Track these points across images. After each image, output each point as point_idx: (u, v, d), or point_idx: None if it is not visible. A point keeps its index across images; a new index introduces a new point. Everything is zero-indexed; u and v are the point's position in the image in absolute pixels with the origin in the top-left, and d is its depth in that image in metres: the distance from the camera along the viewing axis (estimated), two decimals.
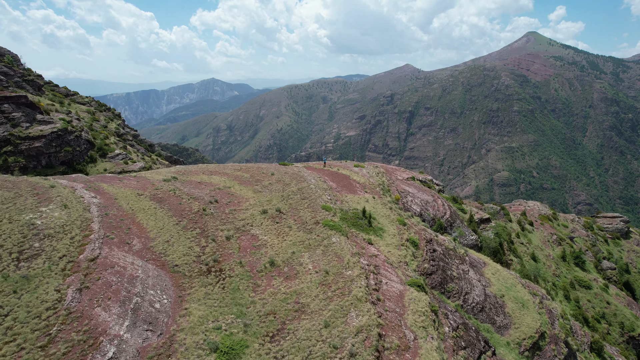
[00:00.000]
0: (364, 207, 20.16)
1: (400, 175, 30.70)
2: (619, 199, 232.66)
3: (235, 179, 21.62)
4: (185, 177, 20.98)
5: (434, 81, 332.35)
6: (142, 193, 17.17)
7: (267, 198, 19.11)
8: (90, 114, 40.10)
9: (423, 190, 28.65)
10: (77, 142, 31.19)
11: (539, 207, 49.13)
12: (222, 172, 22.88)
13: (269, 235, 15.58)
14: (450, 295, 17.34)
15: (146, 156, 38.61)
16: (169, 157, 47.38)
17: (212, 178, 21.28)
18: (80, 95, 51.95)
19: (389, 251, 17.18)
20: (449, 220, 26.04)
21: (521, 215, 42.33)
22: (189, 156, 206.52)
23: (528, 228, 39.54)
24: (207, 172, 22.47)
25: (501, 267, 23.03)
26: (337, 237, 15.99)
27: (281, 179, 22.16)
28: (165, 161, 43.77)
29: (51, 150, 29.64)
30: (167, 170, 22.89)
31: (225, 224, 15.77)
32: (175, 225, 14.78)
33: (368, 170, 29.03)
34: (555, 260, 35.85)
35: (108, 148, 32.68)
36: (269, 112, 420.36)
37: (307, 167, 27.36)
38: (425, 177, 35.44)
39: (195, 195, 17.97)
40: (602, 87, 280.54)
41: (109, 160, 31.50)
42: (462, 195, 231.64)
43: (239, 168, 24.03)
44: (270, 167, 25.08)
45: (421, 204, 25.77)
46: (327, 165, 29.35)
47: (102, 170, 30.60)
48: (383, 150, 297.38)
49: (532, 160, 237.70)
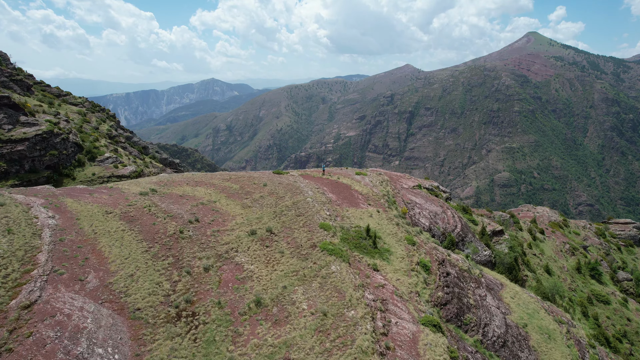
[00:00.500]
0: (368, 225, 17.74)
1: (405, 184, 28.66)
2: (620, 199, 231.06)
3: (222, 191, 19.22)
4: (166, 190, 18.57)
5: (434, 81, 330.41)
6: (112, 211, 14.77)
7: (257, 215, 16.74)
8: (82, 115, 37.81)
9: (431, 200, 26.39)
10: (63, 145, 29.16)
11: (548, 213, 46.89)
12: (208, 182, 20.44)
13: (257, 264, 13.17)
14: (467, 328, 14.99)
15: (139, 159, 36.41)
16: (163, 159, 44.97)
17: (197, 190, 18.88)
18: (73, 96, 49.57)
19: (397, 279, 14.80)
20: (460, 234, 23.74)
21: (531, 223, 40.24)
22: (189, 156, 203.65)
23: (539, 237, 37.36)
24: (192, 183, 20.05)
25: (519, 288, 20.67)
26: (338, 265, 13.59)
27: (274, 191, 19.83)
28: (159, 164, 41.39)
29: (35, 153, 27.91)
30: (148, 181, 20.45)
31: (205, 249, 13.36)
32: (144, 253, 12.37)
33: (371, 178, 26.85)
34: (570, 272, 33.57)
35: (97, 151, 30.76)
36: (269, 112, 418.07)
37: (304, 176, 25.03)
38: (432, 183, 33.10)
39: (174, 212, 15.56)
40: (602, 87, 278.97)
41: (98, 163, 29.50)
42: (463, 196, 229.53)
43: (228, 178, 21.71)
44: (263, 177, 22.90)
45: (430, 217, 23.59)
46: (327, 173, 27.13)
47: (90, 174, 28.71)
48: (383, 151, 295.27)
49: (532, 161, 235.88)
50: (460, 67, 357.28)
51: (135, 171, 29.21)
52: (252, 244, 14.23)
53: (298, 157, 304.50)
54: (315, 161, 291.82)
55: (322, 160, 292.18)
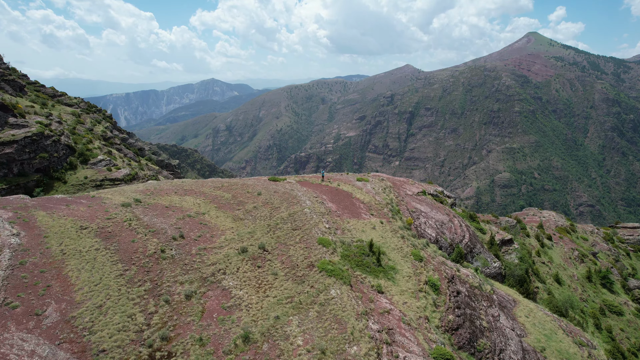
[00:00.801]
0: (371, 239, 16.17)
1: (409, 190, 27.10)
2: (621, 200, 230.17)
3: (213, 200, 17.71)
4: (152, 199, 17.07)
5: (434, 81, 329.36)
6: (87, 226, 13.28)
7: (250, 229, 15.23)
8: (76, 116, 36.59)
9: (437, 208, 25.00)
10: (54, 148, 28.09)
11: (555, 218, 45.35)
12: (198, 190, 18.92)
13: (247, 289, 11.67)
14: (481, 356, 13.52)
15: (134, 161, 35.20)
16: (159, 161, 43.57)
17: (185, 200, 17.37)
18: (68, 96, 48.21)
19: (404, 302, 13.31)
20: (468, 245, 22.32)
21: (538, 228, 38.72)
22: (188, 157, 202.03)
23: (547, 243, 35.91)
24: (181, 192, 18.52)
25: (534, 305, 19.20)
26: (338, 288, 12.10)
27: (269, 201, 18.36)
28: (155, 166, 40.02)
29: (24, 156, 26.87)
30: (134, 189, 18.93)
31: (189, 272, 11.86)
32: (118, 277, 10.87)
33: (373, 185, 25.36)
34: (580, 281, 32.12)
35: (91, 153, 29.70)
36: (269, 112, 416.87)
37: (301, 183, 23.46)
38: (436, 189, 31.62)
39: (157, 227, 14.06)
40: (603, 87, 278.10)
41: (91, 166, 28.44)
42: (463, 197, 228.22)
43: (220, 186, 20.14)
44: (258, 185, 21.31)
45: (436, 227, 22.16)
46: (326, 179, 25.62)
47: (83, 177, 27.58)
48: (383, 151, 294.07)
49: (533, 162, 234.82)
50: (461, 68, 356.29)
51: (130, 174, 28.03)
52: (242, 264, 12.73)
53: (298, 157, 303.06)
54: (315, 161, 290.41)
55: (322, 161, 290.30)
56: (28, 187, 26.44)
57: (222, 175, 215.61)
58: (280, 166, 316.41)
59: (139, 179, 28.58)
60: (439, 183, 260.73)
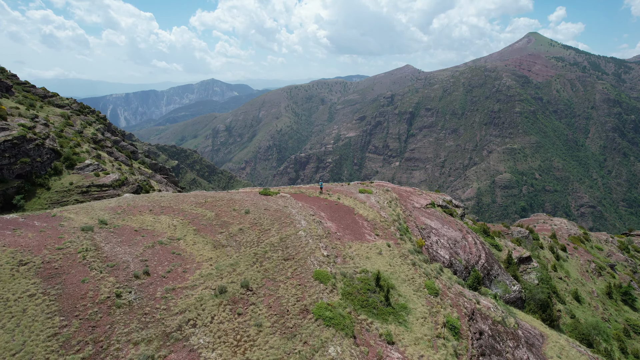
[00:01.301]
0: (378, 272, 13.67)
1: (417, 201, 24.81)
2: (622, 201, 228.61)
3: (192, 221, 15.21)
4: (121, 220, 14.54)
5: (434, 82, 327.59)
6: (29, 260, 10.72)
7: (232, 260, 12.72)
8: (65, 118, 34.32)
9: (448, 223, 22.70)
10: (37, 152, 26.23)
11: (567, 226, 42.93)
12: (177, 208, 16.43)
13: (221, 348, 9.08)
14: None
15: (125, 165, 33.01)
16: (153, 164, 41.17)
17: (159, 221, 14.86)
18: (60, 97, 45.77)
19: (420, 356, 10.76)
20: (485, 266, 19.86)
21: (551, 238, 36.28)
22: (187, 157, 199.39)
23: (562, 255, 33.39)
24: (157, 209, 16.05)
25: (564, 340, 16.73)
26: (338, 344, 9.57)
27: (258, 221, 16.00)
28: (148, 169, 37.56)
29: (4, 162, 25.22)
30: (104, 206, 16.34)
31: (148, 325, 9.29)
32: (49, 339, 8.29)
33: (377, 197, 22.85)
34: (600, 298, 29.64)
35: (77, 158, 27.85)
36: (269, 112, 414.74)
37: (297, 196, 21.16)
38: (444, 198, 29.21)
39: (118, 259, 11.51)
40: (604, 88, 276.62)
41: (77, 171, 26.48)
42: (464, 198, 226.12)
43: (203, 202, 17.65)
44: (246, 200, 18.64)
45: (449, 246, 19.77)
46: (325, 191, 23.15)
47: (68, 183, 25.63)
48: (383, 152, 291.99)
49: (534, 162, 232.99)
50: (461, 68, 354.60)
51: (118, 180, 26.17)
52: (218, 311, 10.16)
53: (298, 158, 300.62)
54: (315, 162, 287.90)
55: (322, 161, 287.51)
56: (7, 195, 24.31)
57: (221, 176, 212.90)
58: (280, 167, 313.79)
59: (129, 184, 26.49)
60: (439, 184, 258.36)
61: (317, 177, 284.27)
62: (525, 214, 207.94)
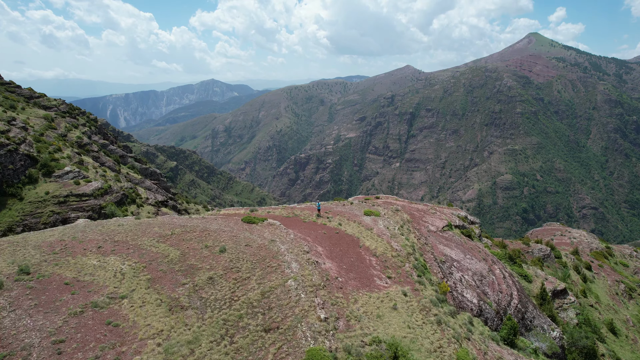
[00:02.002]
0: (395, 345, 10.28)
1: (431, 223, 21.55)
2: (624, 202, 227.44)
3: (148, 265, 11.98)
4: (52, 266, 11.20)
5: (435, 82, 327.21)
6: None
7: (191, 334, 9.46)
8: (48, 120, 33.44)
9: (469, 251, 19.71)
10: (10, 159, 24.61)
11: (587, 238, 40.02)
12: (134, 244, 13.25)
13: None
14: None
15: (112, 171, 31.94)
16: (143, 169, 40.55)
17: (105, 264, 11.65)
18: (47, 98, 45.45)
19: None
20: (519, 309, 16.96)
21: (574, 254, 33.24)
22: (186, 158, 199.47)
23: (588, 276, 30.37)
24: (108, 246, 12.77)
25: None
26: None
27: (235, 265, 12.55)
28: (137, 175, 37.02)
29: None
30: (40, 240, 12.97)
31: None
32: None
33: (386, 221, 19.56)
34: (637, 327, 26.97)
35: (56, 164, 26.05)
36: (269, 113, 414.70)
37: (289, 223, 17.73)
38: (458, 213, 26.94)
39: (18, 341, 8.25)
40: (605, 88, 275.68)
41: (55, 179, 24.79)
42: (465, 199, 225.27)
43: (169, 233, 14.30)
44: (224, 231, 15.09)
45: (475, 284, 16.76)
46: (323, 213, 19.93)
47: (43, 193, 23.83)
48: (384, 152, 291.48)
49: (535, 163, 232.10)
50: (461, 68, 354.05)
51: (101, 188, 24.60)
52: None
53: (298, 158, 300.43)
54: (315, 163, 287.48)
55: (322, 162, 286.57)
56: None
57: (220, 177, 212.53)
58: (280, 167, 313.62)
59: (112, 193, 25.32)
60: (440, 185, 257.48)
61: (317, 178, 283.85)
62: (527, 216, 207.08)
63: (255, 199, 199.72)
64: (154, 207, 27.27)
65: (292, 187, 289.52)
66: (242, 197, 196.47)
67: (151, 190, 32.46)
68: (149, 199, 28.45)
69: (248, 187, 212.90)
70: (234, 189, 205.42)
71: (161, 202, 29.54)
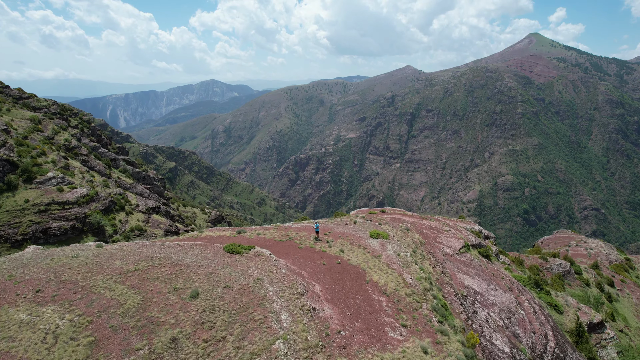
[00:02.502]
0: None
1: (447, 244, 19.20)
2: (626, 203, 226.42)
3: (95, 319, 9.42)
4: None
5: (435, 83, 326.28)
6: None
7: None
8: (35, 122, 32.01)
9: (491, 278, 17.39)
10: None
11: (604, 249, 37.45)
12: (84, 285, 10.57)
13: None
14: None
15: (102, 176, 30.47)
16: (136, 173, 39.23)
17: (37, 320, 9.16)
18: (37, 98, 44.17)
19: None
20: (557, 354, 14.59)
21: (594, 269, 30.72)
22: (186, 159, 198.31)
23: (613, 294, 27.97)
24: (50, 289, 10.18)
25: None
26: None
27: (208, 318, 10.05)
28: (129, 179, 35.74)
29: None
30: None
31: None
32: None
33: (396, 245, 17.14)
34: None
35: (38, 169, 24.41)
36: (269, 113, 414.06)
37: (281, 249, 15.38)
38: (472, 227, 24.71)
39: None
40: (606, 89, 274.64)
41: (37, 186, 23.20)
42: (466, 200, 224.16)
43: (132, 269, 11.66)
44: (200, 266, 12.44)
45: (504, 324, 14.41)
46: (323, 235, 17.47)
47: (23, 201, 22.10)
48: (384, 153, 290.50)
49: (536, 164, 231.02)
50: (462, 69, 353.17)
51: (86, 195, 23.20)
52: None
53: (298, 159, 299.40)
54: (315, 163, 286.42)
55: (322, 162, 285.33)
56: None
57: (220, 177, 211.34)
58: (280, 168, 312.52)
59: (99, 200, 23.91)
60: (440, 186, 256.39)
61: (317, 179, 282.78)
62: (528, 217, 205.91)
63: (255, 199, 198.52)
64: (144, 215, 26.01)
65: (292, 188, 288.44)
66: (241, 197, 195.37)
67: (143, 195, 31.14)
68: (139, 205, 27.15)
69: (248, 187, 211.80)
70: (234, 189, 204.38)
71: (152, 208, 28.27)
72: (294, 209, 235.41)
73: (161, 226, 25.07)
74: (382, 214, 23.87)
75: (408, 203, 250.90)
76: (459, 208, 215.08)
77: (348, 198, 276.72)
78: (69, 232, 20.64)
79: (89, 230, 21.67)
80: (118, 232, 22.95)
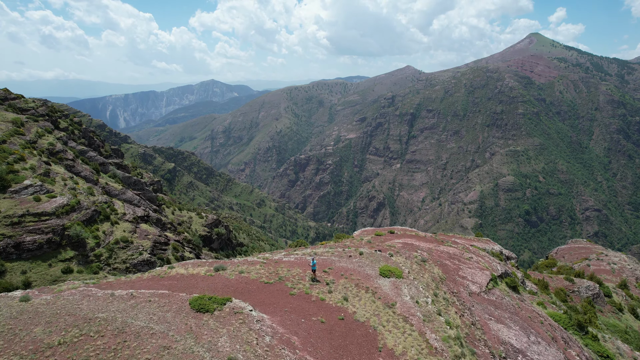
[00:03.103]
0: None
1: (471, 278, 16.14)
2: (628, 204, 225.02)
3: None
4: None
5: (435, 83, 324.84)
6: None
7: None
8: (17, 125, 30.09)
9: (528, 323, 14.58)
10: None
11: (629, 264, 34.95)
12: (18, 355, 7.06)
13: None
14: None
15: (88, 182, 28.47)
16: (126, 177, 37.48)
17: None
18: (24, 99, 42.44)
19: None
20: None
21: (621, 288, 28.58)
22: (185, 160, 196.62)
23: None
24: None
25: None
26: None
27: None
28: (118, 185, 34.02)
29: None
30: None
31: None
32: None
33: (412, 285, 13.86)
34: None
35: (14, 177, 22.26)
36: (269, 114, 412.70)
37: (267, 299, 11.85)
38: (492, 248, 21.88)
39: None
40: (608, 89, 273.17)
41: (11, 195, 21.09)
42: (466, 201, 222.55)
43: (56, 342, 8.07)
44: (150, 339, 8.74)
45: None
46: (321, 273, 14.04)
47: None
48: (384, 153, 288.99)
49: (537, 165, 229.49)
50: (462, 69, 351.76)
51: (67, 204, 21.22)
52: None
53: (297, 159, 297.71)
54: (315, 164, 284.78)
55: (322, 163, 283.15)
56: None
57: (219, 178, 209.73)
58: (280, 168, 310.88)
59: (81, 209, 22.02)
60: (441, 186, 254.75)
61: (317, 179, 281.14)
62: (529, 217, 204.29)
63: (255, 200, 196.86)
64: (132, 224, 24.24)
65: (292, 189, 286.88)
66: (241, 198, 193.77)
67: (132, 202, 29.42)
68: (127, 214, 25.35)
69: (247, 188, 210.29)
70: (233, 190, 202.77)
71: (141, 217, 26.38)
72: (294, 210, 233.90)
73: (149, 237, 23.34)
74: (391, 236, 20.43)
75: (408, 204, 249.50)
76: (460, 209, 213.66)
77: (348, 199, 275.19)
78: (44, 246, 18.81)
79: (68, 243, 19.79)
80: (101, 244, 21.11)
